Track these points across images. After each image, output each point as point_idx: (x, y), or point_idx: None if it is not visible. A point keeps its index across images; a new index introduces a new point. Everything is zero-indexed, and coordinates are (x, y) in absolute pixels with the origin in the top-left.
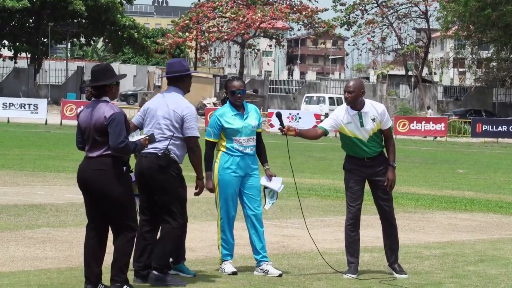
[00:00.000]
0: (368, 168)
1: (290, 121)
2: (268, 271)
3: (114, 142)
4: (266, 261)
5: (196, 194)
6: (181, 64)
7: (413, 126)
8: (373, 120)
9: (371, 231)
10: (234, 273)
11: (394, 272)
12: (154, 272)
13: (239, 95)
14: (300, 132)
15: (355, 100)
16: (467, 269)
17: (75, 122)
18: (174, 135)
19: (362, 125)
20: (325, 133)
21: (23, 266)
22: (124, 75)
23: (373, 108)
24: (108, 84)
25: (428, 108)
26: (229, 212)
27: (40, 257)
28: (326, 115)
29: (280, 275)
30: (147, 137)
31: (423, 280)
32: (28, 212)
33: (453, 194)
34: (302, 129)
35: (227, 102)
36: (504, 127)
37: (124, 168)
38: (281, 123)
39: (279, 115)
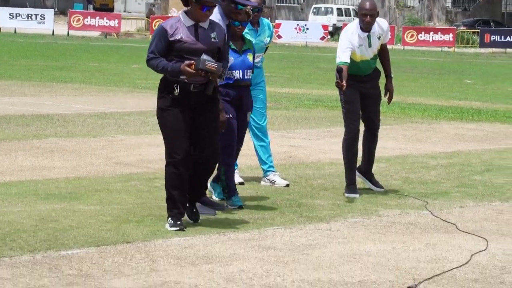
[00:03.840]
0: (366, 83)
1: (298, 32)
2: (275, 181)
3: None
4: (273, 171)
5: None
6: None
7: (421, 36)
8: (379, 38)
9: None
10: (241, 183)
11: (371, 184)
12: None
13: (255, 13)
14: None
15: (374, 22)
16: (473, 178)
17: (82, 33)
18: None
19: (370, 45)
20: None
21: (31, 175)
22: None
23: (378, 26)
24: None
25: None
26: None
27: (48, 166)
28: (334, 26)
29: (287, 185)
30: (193, 62)
31: (430, 189)
32: (36, 122)
33: (460, 104)
34: (344, 76)
35: None
36: None
37: (175, 92)
38: (341, 78)
39: (340, 71)
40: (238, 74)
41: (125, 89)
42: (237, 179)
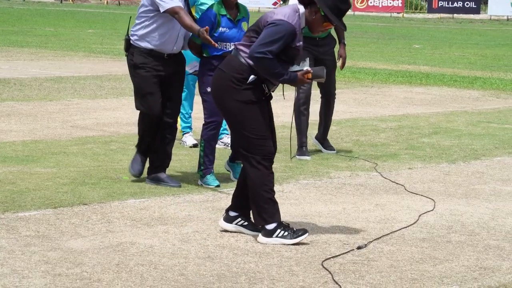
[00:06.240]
0: (320, 47)
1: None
2: (229, 143)
3: (254, 46)
4: (227, 134)
5: None
6: None
7: (371, 2)
8: None
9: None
10: (195, 145)
11: (323, 148)
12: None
13: None
14: None
15: None
16: (421, 141)
17: None
18: (140, 19)
19: None
20: None
21: None
22: None
23: None
24: None
25: None
26: (188, 87)
27: (5, 130)
28: None
29: None
30: (310, 71)
31: (379, 151)
32: None
33: (409, 68)
34: None
35: None
36: (460, 3)
37: (265, 94)
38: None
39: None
40: (231, 47)
41: (80, 54)
42: (191, 141)
